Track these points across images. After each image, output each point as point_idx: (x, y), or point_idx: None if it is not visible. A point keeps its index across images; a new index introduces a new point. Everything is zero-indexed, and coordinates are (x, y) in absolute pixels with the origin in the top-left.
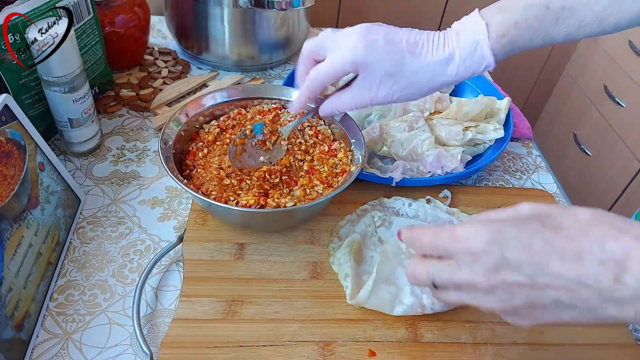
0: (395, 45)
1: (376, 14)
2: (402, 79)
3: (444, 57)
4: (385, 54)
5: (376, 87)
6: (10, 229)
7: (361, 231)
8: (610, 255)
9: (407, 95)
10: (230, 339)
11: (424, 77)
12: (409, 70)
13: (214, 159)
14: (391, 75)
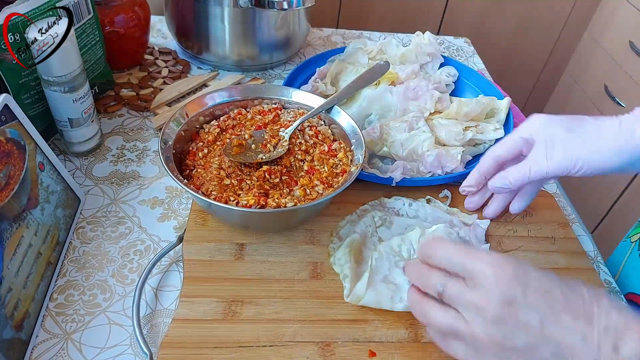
0: (572, 115)
1: (376, 14)
2: (581, 133)
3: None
4: (564, 117)
5: (552, 148)
6: (10, 228)
7: (361, 231)
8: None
9: (593, 150)
10: (230, 339)
11: (612, 131)
12: (590, 124)
13: (214, 159)
14: (570, 130)
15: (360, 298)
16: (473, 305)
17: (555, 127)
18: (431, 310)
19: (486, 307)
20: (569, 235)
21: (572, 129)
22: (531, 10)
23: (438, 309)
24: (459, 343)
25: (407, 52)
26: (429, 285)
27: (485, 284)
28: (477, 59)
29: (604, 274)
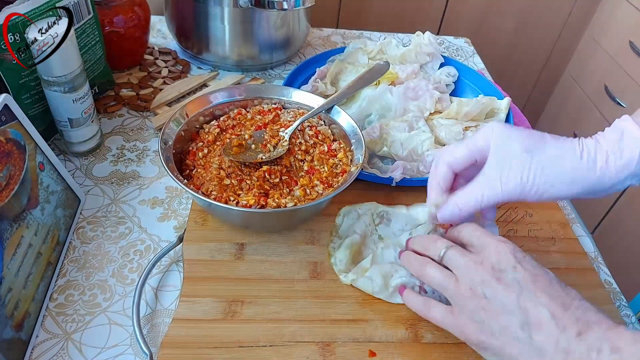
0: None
1: (376, 14)
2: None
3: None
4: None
5: (508, 169)
6: (10, 229)
7: (361, 231)
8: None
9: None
10: (230, 339)
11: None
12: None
13: (214, 159)
14: (529, 151)
15: (366, 269)
16: (468, 265)
17: (513, 144)
18: (428, 265)
19: (478, 267)
20: (569, 236)
21: (531, 150)
22: (531, 10)
23: (435, 266)
24: (439, 307)
25: (407, 52)
26: (434, 248)
27: (486, 252)
28: (477, 59)
29: (604, 274)
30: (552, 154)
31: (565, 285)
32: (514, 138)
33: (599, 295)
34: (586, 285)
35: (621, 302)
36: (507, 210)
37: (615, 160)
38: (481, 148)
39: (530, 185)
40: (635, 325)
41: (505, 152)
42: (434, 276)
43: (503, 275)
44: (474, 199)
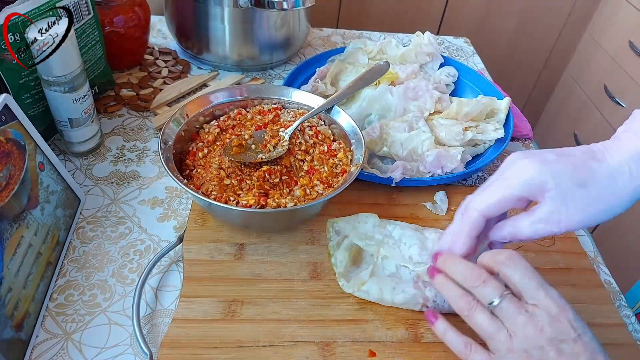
0: (569, 156)
1: (376, 14)
2: (595, 187)
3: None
4: (565, 164)
5: (566, 206)
6: (10, 228)
7: (361, 233)
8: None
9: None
10: (230, 339)
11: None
12: (602, 175)
13: (214, 159)
14: (582, 184)
15: (364, 282)
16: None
17: (565, 182)
18: (478, 311)
19: (537, 334)
20: (569, 235)
21: (584, 183)
22: (531, 10)
23: (485, 313)
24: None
25: (407, 52)
26: (484, 292)
27: (546, 317)
28: (477, 59)
29: (604, 274)
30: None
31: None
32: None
33: (599, 295)
34: (586, 285)
35: (621, 302)
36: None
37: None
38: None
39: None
40: (635, 326)
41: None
42: (482, 325)
43: (563, 346)
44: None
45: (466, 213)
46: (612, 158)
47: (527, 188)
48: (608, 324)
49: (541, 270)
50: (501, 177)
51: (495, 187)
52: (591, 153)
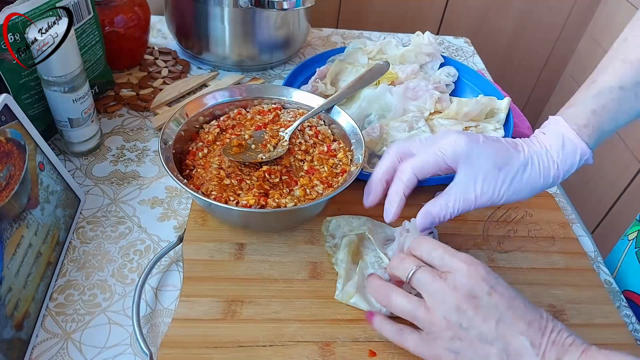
0: (496, 141)
1: (376, 14)
2: (511, 172)
3: (539, 152)
4: (490, 147)
5: (481, 183)
6: (10, 228)
7: (357, 229)
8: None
9: (515, 191)
10: (230, 339)
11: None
12: (516, 162)
13: (214, 159)
14: (500, 167)
15: (351, 296)
16: (439, 291)
17: (484, 160)
18: (394, 294)
19: (452, 295)
20: (569, 236)
21: (501, 166)
22: (531, 10)
23: (401, 293)
24: (413, 335)
25: (407, 52)
26: (402, 267)
27: (457, 276)
28: (477, 58)
29: (604, 274)
30: (516, 169)
31: (534, 306)
32: (484, 154)
33: (599, 295)
34: (586, 285)
35: (621, 302)
36: (507, 210)
37: (563, 167)
38: (449, 159)
39: (500, 197)
40: (636, 325)
41: (477, 167)
42: (402, 306)
43: (479, 303)
44: (450, 210)
45: (401, 173)
46: (528, 150)
47: (454, 157)
48: (608, 324)
49: (541, 270)
50: (435, 145)
51: (429, 152)
52: (513, 144)
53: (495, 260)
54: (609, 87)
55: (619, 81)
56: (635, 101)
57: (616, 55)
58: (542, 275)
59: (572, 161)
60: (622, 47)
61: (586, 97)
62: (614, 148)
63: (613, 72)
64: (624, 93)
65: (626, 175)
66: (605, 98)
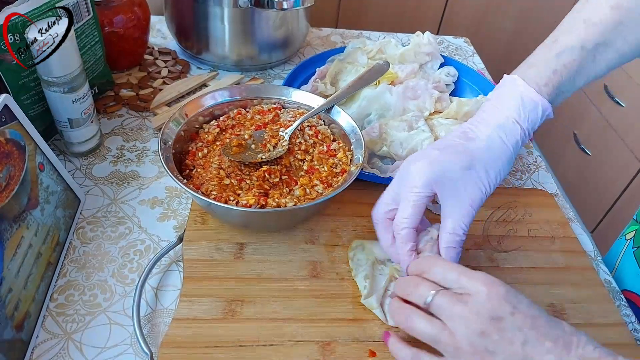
0: (448, 146)
1: (376, 14)
2: (481, 164)
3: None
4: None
5: (465, 191)
6: (10, 229)
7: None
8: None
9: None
10: (230, 339)
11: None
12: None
13: (214, 159)
14: (469, 167)
15: (373, 307)
16: (461, 316)
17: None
18: (416, 317)
19: (475, 319)
20: (569, 235)
21: (469, 165)
22: (531, 9)
23: (423, 317)
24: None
25: (406, 52)
26: (418, 294)
27: (478, 299)
28: (477, 58)
29: (604, 274)
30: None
31: (552, 317)
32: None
33: (599, 294)
34: (586, 284)
35: (621, 302)
36: (507, 210)
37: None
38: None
39: (489, 188)
40: (636, 325)
41: (452, 181)
42: (423, 329)
43: (503, 325)
44: (461, 232)
45: (399, 235)
46: (482, 132)
47: (428, 188)
48: (608, 324)
49: (541, 270)
50: (406, 187)
51: (406, 199)
52: (464, 135)
53: (495, 260)
54: (571, 47)
55: (581, 41)
56: (593, 64)
57: (579, 15)
58: (542, 275)
59: (534, 117)
60: (585, 7)
61: (547, 56)
62: (614, 148)
63: (575, 32)
64: (584, 54)
65: (626, 175)
66: (566, 58)
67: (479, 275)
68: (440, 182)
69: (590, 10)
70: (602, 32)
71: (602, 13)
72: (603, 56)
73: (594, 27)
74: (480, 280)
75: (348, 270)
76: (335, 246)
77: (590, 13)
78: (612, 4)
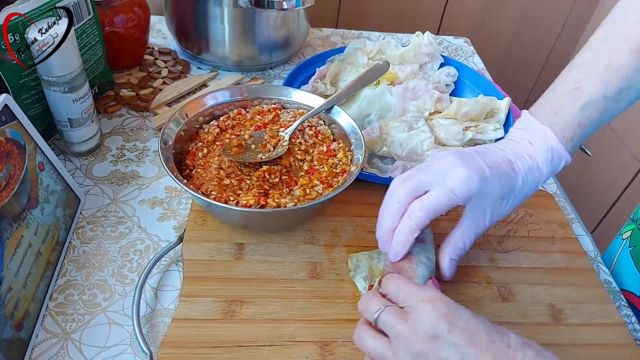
0: (499, 168)
1: (376, 14)
2: (514, 199)
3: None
4: (496, 180)
5: (490, 215)
6: (10, 228)
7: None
8: None
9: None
10: (230, 339)
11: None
12: (518, 188)
13: (214, 159)
14: (504, 197)
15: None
16: (402, 335)
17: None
18: (366, 336)
19: (412, 339)
20: (569, 235)
21: (506, 196)
22: (531, 9)
23: (372, 335)
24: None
25: (406, 53)
26: (368, 310)
27: (417, 317)
28: (477, 58)
29: (604, 274)
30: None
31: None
32: (492, 189)
33: (599, 295)
34: (586, 285)
35: (621, 302)
36: None
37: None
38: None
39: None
40: (635, 325)
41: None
42: (372, 348)
43: (439, 344)
44: (467, 246)
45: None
46: (522, 169)
47: (466, 200)
48: (608, 324)
49: (541, 270)
50: (443, 184)
51: (441, 193)
52: (511, 167)
53: (495, 260)
54: (595, 99)
55: (604, 90)
56: (615, 108)
57: (600, 58)
58: (541, 275)
59: (555, 170)
60: (604, 48)
61: (573, 109)
62: (614, 148)
63: (598, 80)
64: (607, 102)
65: (626, 175)
66: (591, 109)
67: (425, 292)
68: (478, 200)
69: (610, 54)
70: (625, 78)
71: (623, 58)
72: (625, 99)
73: (616, 74)
74: (423, 297)
75: (347, 271)
76: (335, 246)
77: (612, 58)
78: (633, 48)
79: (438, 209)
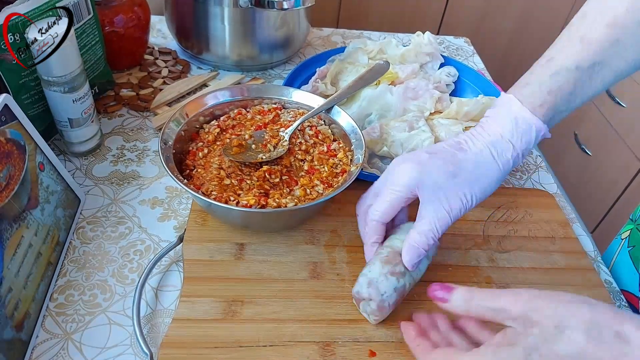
0: (439, 152)
1: (376, 14)
2: (467, 176)
3: (490, 140)
4: (436, 160)
5: (446, 198)
6: (10, 229)
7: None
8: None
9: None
10: (230, 339)
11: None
12: (467, 164)
13: (214, 159)
14: (454, 175)
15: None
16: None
17: (437, 176)
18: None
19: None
20: (569, 235)
21: (455, 174)
22: (531, 9)
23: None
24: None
25: (407, 52)
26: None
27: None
28: (477, 58)
29: (604, 274)
30: (470, 170)
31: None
32: (434, 171)
33: (599, 295)
34: (586, 285)
35: (621, 302)
36: (507, 210)
37: (520, 147)
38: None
39: (470, 202)
40: None
41: (434, 186)
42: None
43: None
44: (431, 235)
45: (367, 225)
46: (475, 146)
47: (409, 189)
48: None
49: (541, 270)
50: (388, 184)
51: (384, 195)
52: (457, 145)
53: (495, 260)
54: (566, 68)
55: (576, 61)
56: (589, 84)
57: (575, 32)
58: (542, 275)
59: (528, 139)
60: (581, 24)
61: (543, 77)
62: (614, 148)
63: (571, 51)
64: (580, 74)
65: (626, 175)
66: (561, 79)
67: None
68: (423, 185)
69: (586, 27)
70: (598, 51)
71: (597, 31)
72: (599, 75)
73: (589, 46)
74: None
75: (348, 271)
76: (336, 246)
77: (586, 30)
78: (607, 21)
79: (387, 211)
